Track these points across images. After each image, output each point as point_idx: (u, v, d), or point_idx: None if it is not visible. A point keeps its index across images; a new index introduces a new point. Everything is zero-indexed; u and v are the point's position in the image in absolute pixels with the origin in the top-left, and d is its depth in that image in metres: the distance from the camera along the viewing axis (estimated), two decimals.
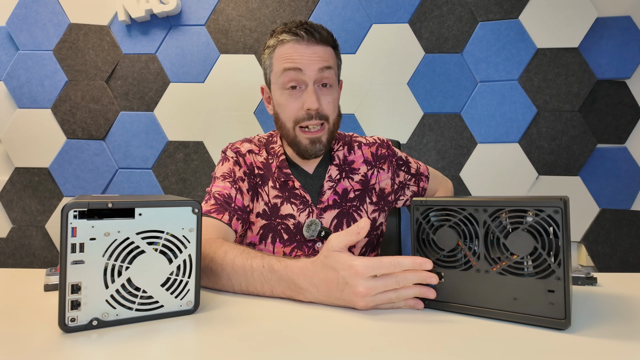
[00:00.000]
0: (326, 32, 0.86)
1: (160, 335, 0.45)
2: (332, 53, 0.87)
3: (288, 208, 0.88)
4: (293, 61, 0.82)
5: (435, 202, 0.54)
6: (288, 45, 0.83)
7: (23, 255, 1.66)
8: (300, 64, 0.82)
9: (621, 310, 0.54)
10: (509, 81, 1.60)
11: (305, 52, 0.82)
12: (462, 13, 1.62)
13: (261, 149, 0.94)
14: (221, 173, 0.89)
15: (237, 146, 0.93)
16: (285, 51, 0.83)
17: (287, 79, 0.83)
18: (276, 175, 0.90)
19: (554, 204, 0.46)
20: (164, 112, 1.66)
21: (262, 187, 0.90)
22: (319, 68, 0.82)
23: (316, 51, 0.83)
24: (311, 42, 0.83)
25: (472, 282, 0.51)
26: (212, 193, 0.85)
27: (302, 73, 0.82)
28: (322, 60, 0.83)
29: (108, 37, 1.65)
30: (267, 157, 0.93)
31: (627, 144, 1.57)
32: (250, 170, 0.90)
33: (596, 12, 1.56)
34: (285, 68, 0.82)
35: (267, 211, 0.88)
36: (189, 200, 0.52)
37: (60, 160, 1.65)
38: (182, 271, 0.51)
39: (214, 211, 0.81)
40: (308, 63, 0.82)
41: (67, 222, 0.45)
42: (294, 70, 0.82)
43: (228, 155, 0.92)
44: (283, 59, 0.83)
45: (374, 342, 0.43)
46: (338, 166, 0.94)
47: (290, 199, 0.89)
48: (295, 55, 0.82)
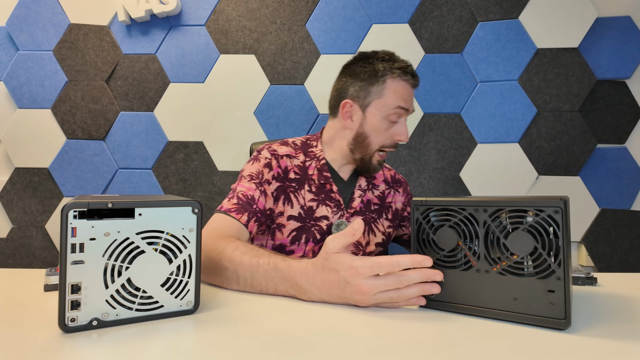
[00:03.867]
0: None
1: (160, 335, 0.45)
2: None
3: (323, 210, 0.94)
4: (407, 102, 0.93)
5: (435, 202, 0.54)
6: (405, 85, 0.93)
7: (23, 255, 1.66)
8: (408, 105, 0.93)
9: (621, 310, 0.54)
10: (509, 81, 1.60)
11: (412, 93, 0.95)
12: (462, 13, 1.62)
13: (298, 152, 0.98)
14: (249, 172, 0.92)
15: (275, 148, 0.96)
16: (402, 90, 0.92)
17: (395, 112, 0.92)
18: (315, 177, 0.95)
19: (554, 204, 0.46)
20: (164, 112, 1.66)
21: (297, 192, 0.93)
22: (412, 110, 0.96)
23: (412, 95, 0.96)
24: (415, 86, 0.96)
25: (472, 282, 0.51)
26: (236, 192, 0.89)
27: (407, 112, 0.94)
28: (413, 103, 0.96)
29: (108, 37, 1.65)
30: (305, 160, 0.97)
31: (627, 144, 1.57)
32: (285, 174, 0.93)
33: (596, 12, 1.56)
34: (400, 106, 0.92)
35: (302, 214, 0.92)
36: (189, 200, 0.52)
37: (60, 161, 1.65)
38: (182, 271, 0.51)
39: (234, 210, 0.85)
40: (411, 104, 0.95)
41: (67, 222, 0.45)
42: (402, 109, 0.92)
43: (261, 156, 0.94)
44: (399, 97, 0.92)
45: (374, 342, 0.43)
46: (366, 178, 1.03)
47: (326, 201, 0.94)
48: (408, 96, 0.94)
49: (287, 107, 1.65)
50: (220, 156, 1.66)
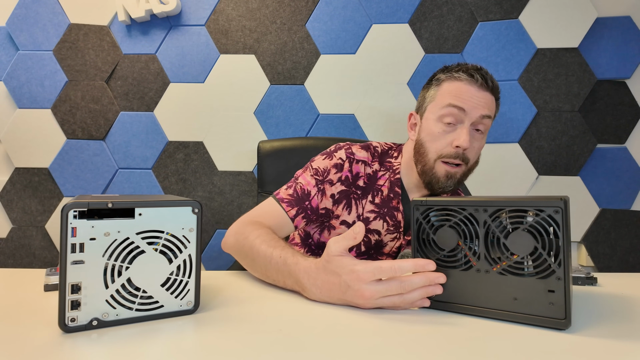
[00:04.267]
0: (495, 83, 0.88)
1: (160, 335, 0.45)
2: (494, 104, 0.88)
3: (379, 224, 0.89)
4: (462, 100, 0.83)
5: (435, 202, 0.54)
6: (461, 84, 0.84)
7: (23, 255, 1.66)
8: (466, 105, 0.83)
9: (621, 310, 0.54)
10: (508, 81, 1.60)
11: (476, 94, 0.84)
12: (462, 13, 1.62)
13: (375, 159, 0.93)
14: (316, 166, 0.90)
15: (354, 151, 0.92)
16: (457, 88, 0.84)
17: (447, 112, 0.84)
18: (385, 188, 0.90)
19: (554, 204, 0.46)
20: (164, 112, 1.66)
21: (359, 200, 0.90)
22: (482, 115, 0.84)
23: (484, 97, 0.84)
24: (483, 87, 0.84)
25: (472, 282, 0.51)
26: (297, 182, 0.88)
27: (465, 113, 0.83)
28: (487, 107, 0.85)
29: (108, 37, 1.65)
30: (378, 170, 0.92)
31: (627, 144, 1.57)
32: (354, 179, 0.90)
33: (596, 12, 1.56)
34: (450, 103, 0.84)
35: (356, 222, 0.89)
36: (189, 200, 0.52)
37: (60, 161, 1.65)
38: (182, 271, 0.51)
39: (286, 202, 0.86)
40: (474, 106, 0.83)
41: (67, 222, 0.45)
42: (458, 109, 0.83)
43: (336, 155, 0.91)
44: (452, 95, 0.84)
45: (374, 342, 0.43)
46: None
47: (386, 217, 0.90)
48: (465, 95, 0.83)
49: (287, 107, 1.65)
50: (220, 156, 1.66)
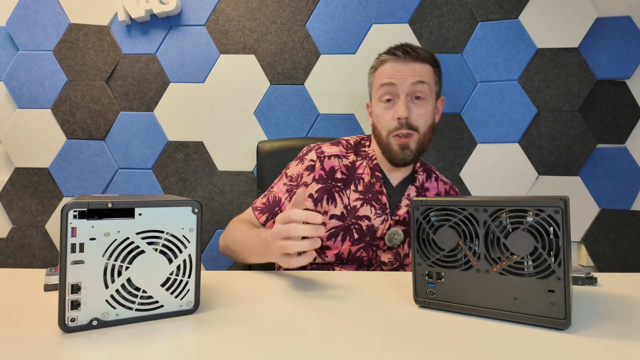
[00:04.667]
0: (425, 51, 0.94)
1: (160, 335, 0.45)
2: (430, 70, 0.94)
3: (367, 210, 0.93)
4: (389, 77, 0.91)
5: (435, 202, 0.54)
6: (387, 65, 0.92)
7: (23, 255, 1.66)
8: (394, 79, 0.90)
9: (621, 310, 0.54)
10: (509, 81, 1.60)
11: (402, 68, 0.90)
12: (462, 13, 1.62)
13: (349, 151, 0.99)
14: (290, 173, 0.97)
15: (324, 149, 0.97)
16: (384, 69, 0.92)
17: (382, 92, 0.92)
18: (365, 175, 0.96)
19: (554, 204, 0.46)
20: (164, 112, 1.66)
21: (342, 191, 0.94)
22: (412, 82, 0.90)
23: (412, 67, 0.90)
24: (408, 59, 0.91)
25: (472, 282, 0.51)
26: (272, 191, 0.97)
27: (396, 87, 0.90)
28: (416, 75, 0.90)
29: (108, 37, 1.65)
30: (355, 160, 0.97)
31: (627, 144, 1.57)
32: (329, 175, 0.94)
33: (596, 12, 1.56)
34: (382, 83, 0.92)
35: (344, 213, 0.93)
36: (189, 200, 0.52)
37: (60, 161, 1.65)
38: (182, 271, 0.51)
39: (259, 210, 0.96)
40: (402, 78, 0.90)
41: (67, 222, 0.45)
42: (389, 85, 0.90)
43: (307, 157, 0.97)
44: (382, 76, 0.93)
45: (374, 342, 0.43)
46: (417, 188, 0.99)
47: (372, 201, 0.93)
48: (391, 71, 0.91)
49: (287, 107, 1.65)
50: (220, 156, 1.66)
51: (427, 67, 0.93)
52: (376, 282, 0.68)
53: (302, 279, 0.73)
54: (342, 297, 0.60)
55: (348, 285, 0.67)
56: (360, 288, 0.65)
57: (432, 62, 0.95)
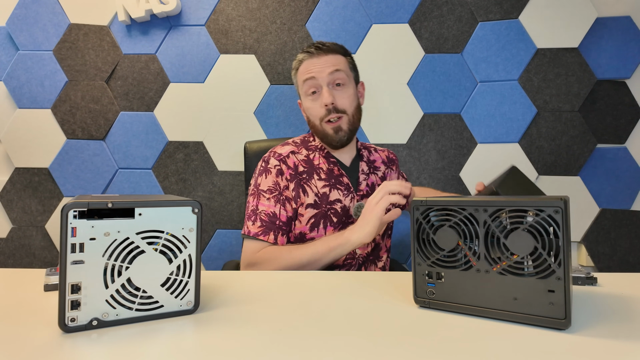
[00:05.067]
0: (334, 44, 1.04)
1: (160, 335, 0.45)
2: (342, 59, 1.04)
3: (336, 194, 1.01)
4: (309, 72, 1.01)
5: (435, 202, 0.54)
6: (305, 62, 1.03)
7: (23, 255, 1.66)
8: (314, 73, 1.00)
9: (621, 310, 0.54)
10: (509, 81, 1.60)
11: (318, 62, 1.00)
12: (462, 13, 1.62)
13: (300, 148, 1.06)
14: (266, 187, 0.99)
15: (279, 152, 1.03)
16: (304, 67, 1.03)
17: (307, 87, 1.02)
18: (321, 164, 1.04)
19: (554, 204, 0.46)
20: (164, 112, 1.66)
21: (308, 182, 1.01)
22: (330, 72, 1.00)
23: (327, 60, 1.01)
24: (321, 53, 1.01)
25: (472, 282, 0.51)
26: (258, 213, 0.96)
27: (316, 79, 1.00)
28: (332, 65, 1.00)
29: (108, 37, 1.65)
30: (308, 154, 1.05)
31: (627, 144, 1.57)
32: (295, 170, 1.01)
33: (596, 12, 1.56)
34: (304, 79, 1.02)
35: (317, 201, 1.00)
36: (189, 200, 0.52)
37: (60, 160, 1.65)
38: (182, 271, 0.51)
39: (262, 234, 0.94)
40: (320, 70, 1.00)
41: (67, 222, 0.45)
42: (311, 79, 1.01)
43: (270, 166, 1.01)
44: (303, 73, 1.03)
45: (374, 343, 0.43)
46: (366, 163, 1.10)
47: (337, 185, 1.02)
48: (309, 67, 1.01)
49: (287, 107, 1.65)
50: (220, 156, 1.66)
51: (339, 57, 1.03)
52: (376, 282, 0.68)
53: (302, 279, 0.73)
54: (342, 297, 0.60)
55: (348, 285, 0.67)
56: (360, 288, 0.65)
57: (343, 52, 1.05)
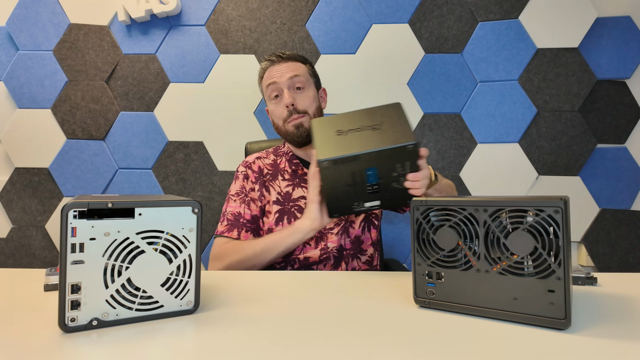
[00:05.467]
0: (294, 53, 1.13)
1: (160, 335, 0.45)
2: (301, 66, 1.12)
3: (299, 192, 1.08)
4: (271, 78, 1.09)
5: (435, 202, 0.54)
6: (268, 70, 1.11)
7: (23, 255, 1.66)
8: (275, 78, 1.08)
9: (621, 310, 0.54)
10: (509, 81, 1.60)
11: (278, 68, 1.09)
12: (462, 13, 1.62)
13: (269, 155, 1.17)
14: (234, 192, 1.10)
15: (247, 160, 1.15)
16: (267, 74, 1.11)
17: (270, 91, 1.09)
18: (286, 167, 1.12)
19: (554, 204, 0.46)
20: (164, 112, 1.66)
21: (272, 182, 1.10)
22: (289, 77, 1.07)
23: (287, 66, 1.09)
24: (281, 61, 1.10)
25: (472, 282, 0.51)
26: (226, 214, 1.07)
27: (278, 84, 1.07)
28: (291, 70, 1.08)
29: (108, 37, 1.65)
30: (275, 159, 1.15)
31: (627, 144, 1.57)
32: (260, 172, 1.11)
33: (596, 12, 1.56)
34: (267, 84, 1.10)
35: (279, 199, 1.07)
36: (189, 200, 0.52)
37: (60, 160, 1.65)
38: (182, 271, 0.51)
39: (226, 231, 1.04)
40: (280, 75, 1.08)
41: (67, 222, 0.45)
42: (273, 84, 1.08)
43: (238, 172, 1.13)
44: (266, 79, 1.10)
45: (374, 342, 0.43)
46: None
47: (301, 183, 1.09)
48: (270, 73, 1.09)
49: None
50: (220, 156, 1.66)
51: (298, 64, 1.11)
52: (376, 282, 0.69)
53: (302, 279, 0.73)
54: (342, 297, 0.60)
55: (348, 285, 0.67)
56: (360, 288, 0.65)
57: (302, 60, 1.13)
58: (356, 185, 0.81)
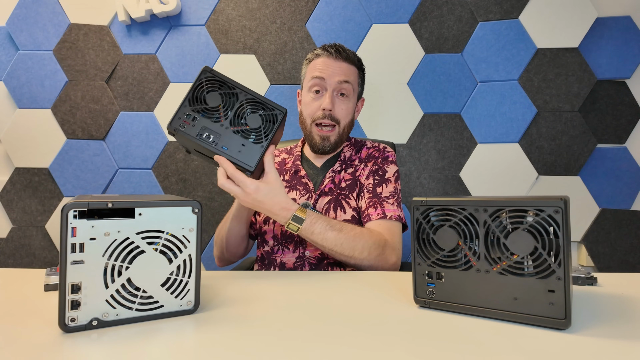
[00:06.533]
0: (353, 55, 1.05)
1: (160, 335, 0.45)
2: (355, 72, 1.05)
3: (293, 194, 1.04)
4: (321, 71, 1.01)
5: (435, 202, 0.54)
6: (320, 59, 1.03)
7: (23, 255, 1.66)
8: (325, 74, 1.00)
9: (621, 310, 0.54)
10: (509, 81, 1.60)
11: (332, 65, 1.01)
12: (462, 13, 1.62)
13: (281, 153, 1.15)
14: None
15: None
16: (317, 63, 1.03)
17: (313, 83, 1.02)
18: (290, 167, 1.09)
19: (554, 203, 0.46)
20: (164, 112, 1.66)
21: None
22: (339, 80, 1.00)
23: (341, 66, 1.01)
24: (338, 58, 1.02)
25: (472, 282, 0.51)
26: None
27: (325, 81, 1.00)
28: (343, 74, 1.01)
29: (108, 37, 1.65)
30: (285, 158, 1.12)
31: (627, 144, 1.57)
32: None
33: (596, 12, 1.56)
34: (313, 76, 1.02)
35: None
36: (189, 200, 0.52)
37: (60, 160, 1.65)
38: (182, 271, 0.51)
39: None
40: (331, 74, 1.00)
41: (67, 222, 0.45)
42: (319, 79, 1.01)
43: None
44: (314, 69, 1.03)
45: (374, 343, 0.43)
46: (342, 162, 1.08)
47: (297, 186, 1.05)
48: (323, 66, 1.01)
49: (287, 107, 1.65)
50: None
51: (353, 68, 1.04)
52: (376, 282, 0.69)
53: (301, 279, 0.73)
54: (342, 297, 0.60)
55: (348, 285, 0.67)
56: (360, 288, 0.65)
57: (359, 65, 1.07)
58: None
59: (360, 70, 1.07)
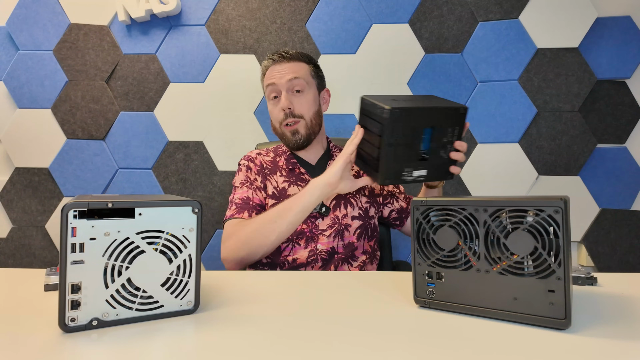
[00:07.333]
0: (297, 52, 1.10)
1: (160, 335, 0.45)
2: (304, 66, 1.09)
3: (295, 189, 1.06)
4: (271, 78, 1.07)
5: (435, 202, 0.54)
6: (269, 69, 1.09)
7: (23, 255, 1.66)
8: (274, 79, 1.06)
9: (621, 310, 0.54)
10: (509, 81, 1.60)
11: (278, 68, 1.07)
12: (462, 13, 1.62)
13: (269, 152, 1.16)
14: (239, 181, 1.09)
15: (248, 154, 1.15)
16: (268, 73, 1.09)
17: (269, 92, 1.09)
18: (284, 165, 1.10)
19: (554, 203, 0.46)
20: (164, 112, 1.66)
21: (270, 176, 1.09)
22: (288, 79, 1.05)
23: (287, 66, 1.07)
24: (282, 61, 1.07)
25: (472, 282, 0.51)
26: (233, 201, 1.06)
27: (277, 85, 1.06)
28: (291, 72, 1.06)
29: (108, 37, 1.65)
30: (275, 157, 1.14)
31: (627, 144, 1.57)
32: (261, 166, 1.11)
33: (596, 12, 1.56)
34: (266, 85, 1.08)
35: (275, 193, 1.06)
36: (189, 200, 0.52)
37: (60, 160, 1.65)
38: (182, 271, 0.51)
39: (236, 213, 1.02)
40: (280, 76, 1.06)
41: (67, 222, 0.45)
42: (272, 85, 1.07)
43: (241, 165, 1.13)
44: (267, 79, 1.09)
45: (374, 342, 0.43)
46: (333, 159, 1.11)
47: (297, 182, 1.08)
48: (272, 73, 1.08)
49: None
50: (220, 156, 1.66)
51: (300, 64, 1.08)
52: (376, 282, 0.69)
53: (301, 279, 0.73)
54: (342, 297, 0.60)
55: (348, 285, 0.67)
56: (360, 288, 0.65)
57: (306, 60, 1.10)
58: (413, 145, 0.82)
59: (310, 65, 1.11)
